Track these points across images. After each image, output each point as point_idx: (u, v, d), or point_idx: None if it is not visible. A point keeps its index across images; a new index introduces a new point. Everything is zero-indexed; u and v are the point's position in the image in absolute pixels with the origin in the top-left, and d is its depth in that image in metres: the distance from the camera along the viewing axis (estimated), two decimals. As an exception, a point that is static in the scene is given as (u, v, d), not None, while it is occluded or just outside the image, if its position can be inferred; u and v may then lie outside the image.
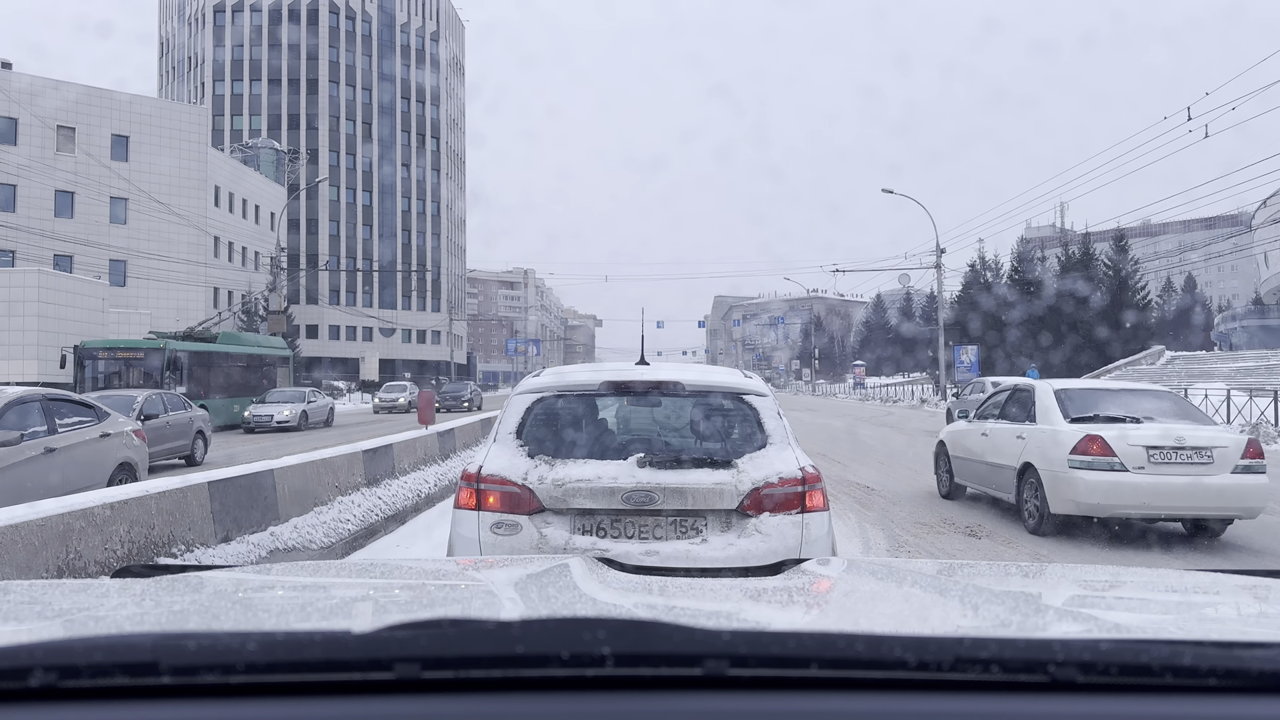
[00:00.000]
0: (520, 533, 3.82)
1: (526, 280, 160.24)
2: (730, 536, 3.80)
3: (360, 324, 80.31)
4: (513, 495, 3.86)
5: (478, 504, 3.92)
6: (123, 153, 49.41)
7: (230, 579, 1.78)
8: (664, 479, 3.79)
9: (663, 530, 3.82)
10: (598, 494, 3.79)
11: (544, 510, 3.84)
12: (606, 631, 0.97)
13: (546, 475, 3.86)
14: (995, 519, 9.17)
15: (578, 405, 4.25)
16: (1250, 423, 20.72)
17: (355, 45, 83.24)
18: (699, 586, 1.56)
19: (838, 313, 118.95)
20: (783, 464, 3.94)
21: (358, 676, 0.95)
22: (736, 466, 3.89)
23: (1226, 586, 1.66)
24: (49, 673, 0.94)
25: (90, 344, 23.47)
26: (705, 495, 3.80)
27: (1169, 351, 43.48)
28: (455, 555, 3.88)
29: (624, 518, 3.82)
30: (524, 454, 3.99)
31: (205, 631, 1.15)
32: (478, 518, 3.90)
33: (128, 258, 48.02)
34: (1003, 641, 1.00)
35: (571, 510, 3.83)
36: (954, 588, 1.62)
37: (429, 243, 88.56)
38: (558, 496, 3.82)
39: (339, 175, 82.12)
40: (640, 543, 3.78)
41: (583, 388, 4.26)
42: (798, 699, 0.96)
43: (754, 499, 3.82)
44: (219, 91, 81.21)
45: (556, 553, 3.70)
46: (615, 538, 3.80)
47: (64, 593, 1.58)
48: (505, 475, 3.90)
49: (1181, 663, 0.98)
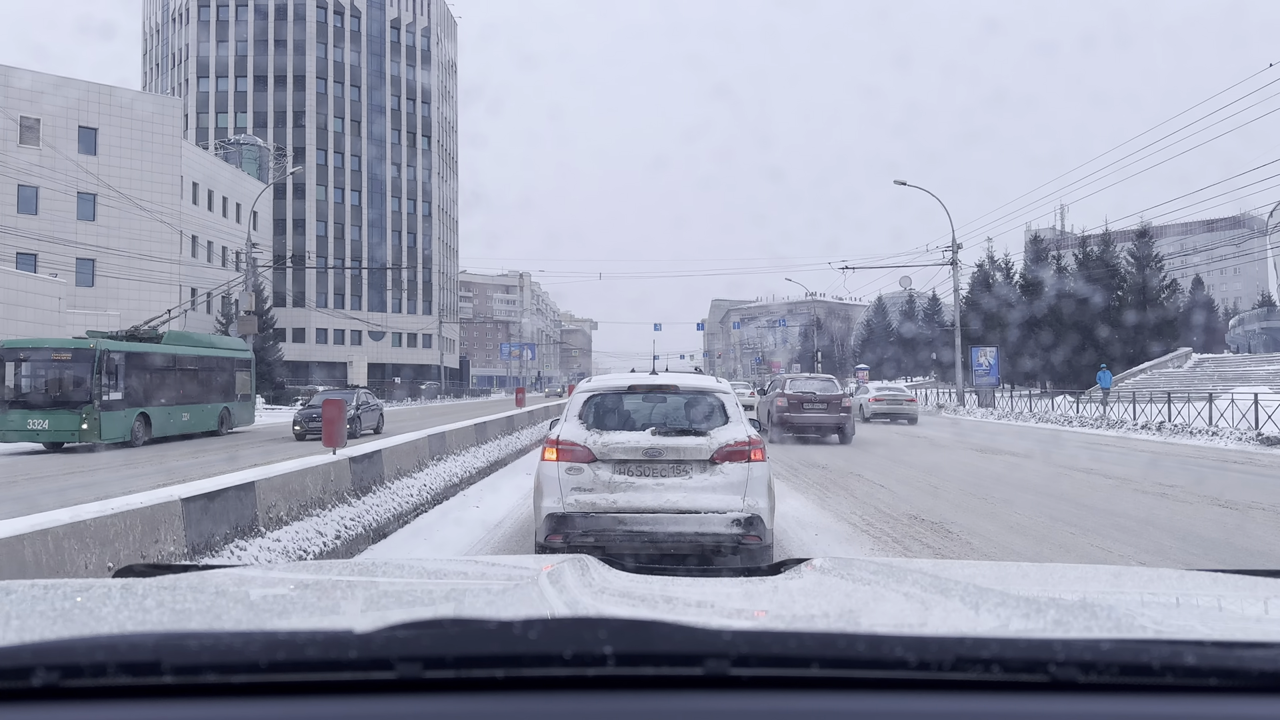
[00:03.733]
0: (583, 473, 6.17)
1: (523, 283, 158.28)
2: (705, 475, 6.16)
3: (349, 327, 78.09)
4: (577, 451, 6.23)
5: (557, 457, 6.24)
6: (91, 146, 47.00)
7: (232, 578, 1.79)
8: (666, 442, 6.22)
9: (666, 471, 6.17)
10: (628, 449, 6.20)
11: (596, 460, 6.20)
12: (608, 631, 0.98)
13: (597, 440, 6.25)
14: None
15: (615, 398, 6.59)
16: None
17: (344, 41, 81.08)
18: (700, 585, 1.60)
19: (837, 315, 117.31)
20: (738, 434, 6.31)
21: (360, 676, 0.96)
22: (709, 435, 6.28)
23: (1226, 586, 1.64)
24: (51, 672, 0.95)
25: (11, 344, 20.99)
26: (691, 451, 6.21)
27: (1195, 354, 41.17)
28: (543, 488, 6.20)
29: (643, 464, 6.19)
30: (583, 427, 6.37)
31: (207, 631, 1.17)
32: (557, 465, 6.21)
33: (96, 256, 45.63)
34: (1004, 641, 1.01)
35: (612, 460, 6.19)
36: (954, 588, 1.62)
37: (420, 243, 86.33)
38: (604, 452, 6.21)
39: (327, 174, 79.93)
40: (653, 479, 6.14)
41: (617, 389, 6.64)
42: (799, 699, 0.97)
43: (720, 453, 6.20)
44: (203, 88, 79.13)
45: (605, 483, 6.10)
46: (638, 475, 6.15)
47: (66, 592, 1.56)
48: (573, 439, 6.28)
49: (1182, 662, 0.98)
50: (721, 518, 5.95)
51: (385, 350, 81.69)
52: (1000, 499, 10.70)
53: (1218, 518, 9.37)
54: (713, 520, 5.95)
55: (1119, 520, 9.06)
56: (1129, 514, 9.49)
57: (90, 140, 47.09)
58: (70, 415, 20.09)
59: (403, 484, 9.61)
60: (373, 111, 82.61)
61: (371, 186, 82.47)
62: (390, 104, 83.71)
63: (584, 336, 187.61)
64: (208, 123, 77.69)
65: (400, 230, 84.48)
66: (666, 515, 5.96)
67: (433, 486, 10.23)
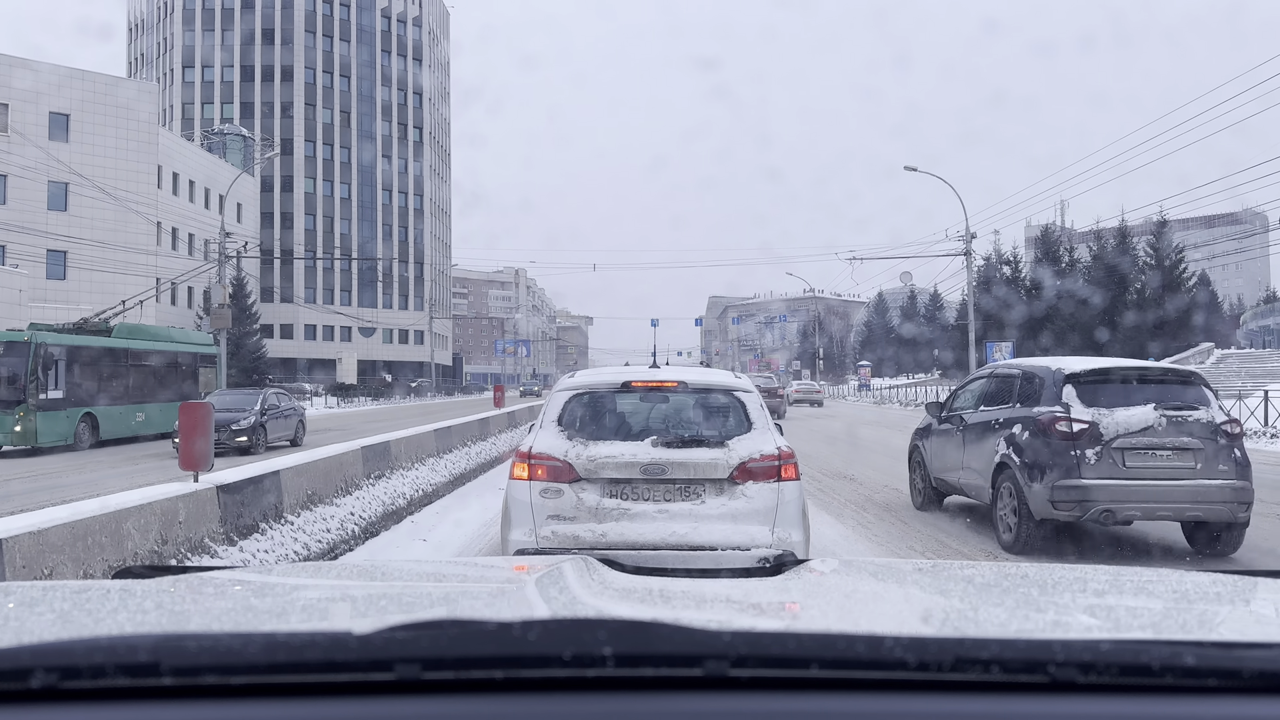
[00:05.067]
0: (562, 496, 4.92)
1: (518, 280, 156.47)
2: (723, 499, 4.92)
3: (339, 323, 76.16)
4: (556, 468, 4.96)
5: (529, 475, 4.99)
6: (62, 133, 45.03)
7: (231, 579, 1.80)
8: (672, 456, 4.95)
9: (671, 494, 4.94)
10: (622, 467, 4.93)
11: (580, 480, 4.94)
12: (607, 632, 0.98)
13: (582, 453, 4.97)
14: None
15: (604, 399, 5.33)
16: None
17: (334, 31, 79.05)
18: (699, 586, 1.58)
19: (836, 312, 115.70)
20: (764, 444, 5.07)
21: (359, 677, 0.96)
22: (728, 446, 5.02)
23: (1226, 586, 1.65)
24: (50, 674, 0.94)
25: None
26: (704, 468, 4.94)
27: (1218, 349, 39.40)
28: (510, 516, 5.00)
29: (641, 485, 4.94)
30: (564, 437, 5.09)
31: (206, 632, 1.17)
32: (529, 487, 4.97)
33: (69, 247, 43.68)
34: (1003, 642, 1.01)
35: (601, 479, 4.94)
36: (954, 588, 1.61)
37: (412, 237, 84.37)
38: (591, 469, 4.93)
39: (316, 167, 77.96)
40: (654, 504, 4.91)
41: (607, 386, 5.38)
42: (798, 699, 0.97)
43: (742, 470, 4.94)
44: (189, 78, 77.07)
45: (591, 510, 4.86)
46: (635, 500, 4.92)
47: (65, 594, 1.54)
48: (550, 453, 5.01)
49: (1182, 663, 0.98)
50: (745, 555, 4.73)
51: (376, 347, 79.79)
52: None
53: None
54: (733, 559, 4.71)
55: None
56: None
57: (62, 126, 45.12)
58: (2, 416, 18.25)
59: (315, 515, 7.32)
60: (363, 103, 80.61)
61: (362, 179, 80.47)
62: (381, 95, 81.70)
63: (580, 334, 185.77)
64: (194, 114, 75.70)
65: (391, 224, 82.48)
66: (672, 553, 4.73)
67: (365, 514, 8.08)
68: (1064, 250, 49.08)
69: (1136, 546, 7.66)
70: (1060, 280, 42.86)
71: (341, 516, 7.53)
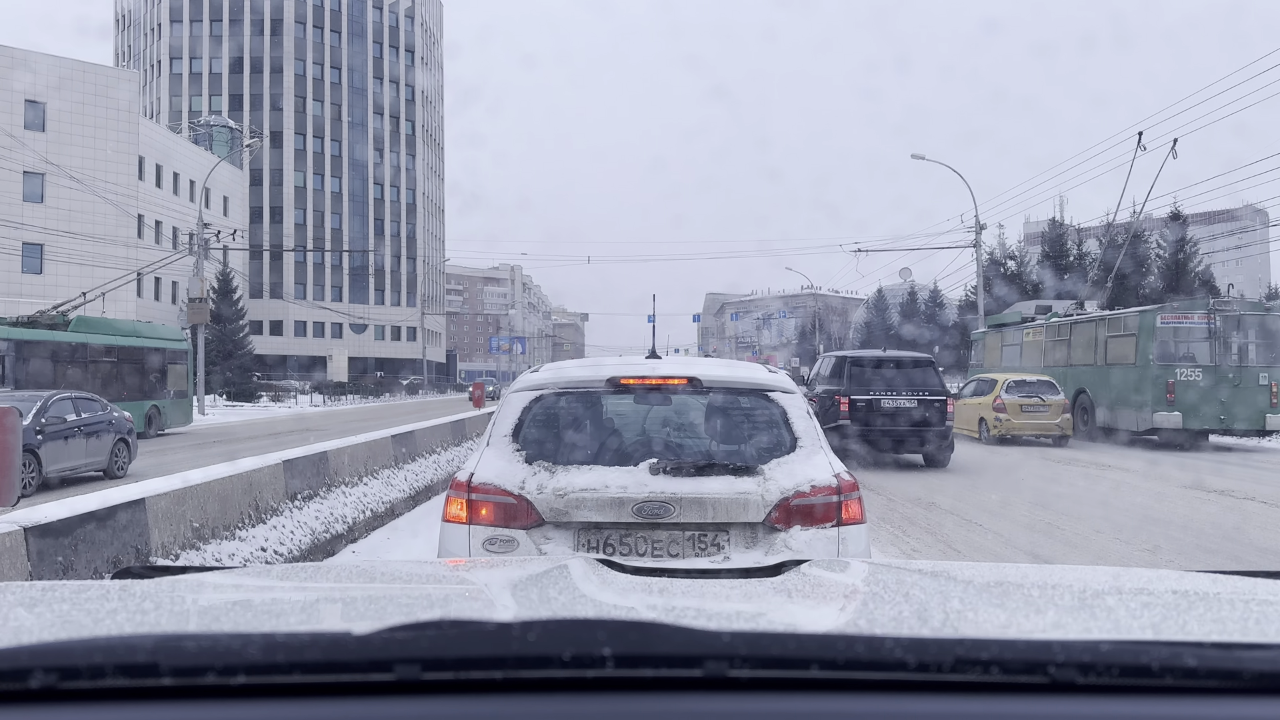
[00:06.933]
0: (516, 550, 3.44)
1: (514, 276, 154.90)
2: (756, 554, 3.40)
3: (329, 319, 74.67)
4: (508, 507, 3.48)
5: (469, 517, 3.52)
6: (38, 121, 43.56)
7: (230, 580, 1.78)
8: (680, 488, 3.43)
9: (679, 546, 3.46)
10: (605, 505, 3.42)
11: (544, 524, 3.47)
12: (607, 633, 0.98)
13: (546, 484, 3.48)
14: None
15: (581, 404, 3.85)
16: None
17: (324, 21, 77.57)
18: (699, 587, 1.57)
19: (835, 310, 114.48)
20: (815, 470, 3.58)
21: (358, 678, 0.96)
22: (762, 473, 3.53)
23: (1226, 586, 1.65)
24: (49, 674, 0.94)
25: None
26: (727, 506, 3.43)
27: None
28: None
29: (635, 532, 3.46)
30: (521, 459, 3.59)
31: (206, 633, 1.17)
32: (468, 532, 3.50)
33: (45, 240, 42.22)
34: (1003, 643, 1.01)
35: (575, 524, 3.46)
36: (953, 588, 1.62)
37: (404, 232, 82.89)
38: (559, 508, 3.44)
39: (306, 160, 76.50)
40: (654, 561, 3.34)
41: (587, 384, 3.82)
42: (798, 700, 0.97)
43: (783, 510, 3.47)
44: (176, 70, 75.54)
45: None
46: (625, 555, 3.38)
47: (64, 594, 1.54)
48: (499, 484, 3.51)
49: (1181, 664, 0.98)
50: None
51: (367, 344, 78.37)
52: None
53: None
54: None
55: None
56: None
57: (38, 115, 43.64)
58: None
59: (206, 555, 5.54)
60: (354, 95, 79.15)
61: (353, 173, 79.03)
62: (372, 87, 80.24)
63: (577, 331, 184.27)
64: (181, 106, 74.17)
65: (383, 219, 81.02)
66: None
67: (285, 547, 6.42)
68: (1072, 245, 47.83)
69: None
70: (1069, 273, 41.60)
71: (247, 554, 5.90)
